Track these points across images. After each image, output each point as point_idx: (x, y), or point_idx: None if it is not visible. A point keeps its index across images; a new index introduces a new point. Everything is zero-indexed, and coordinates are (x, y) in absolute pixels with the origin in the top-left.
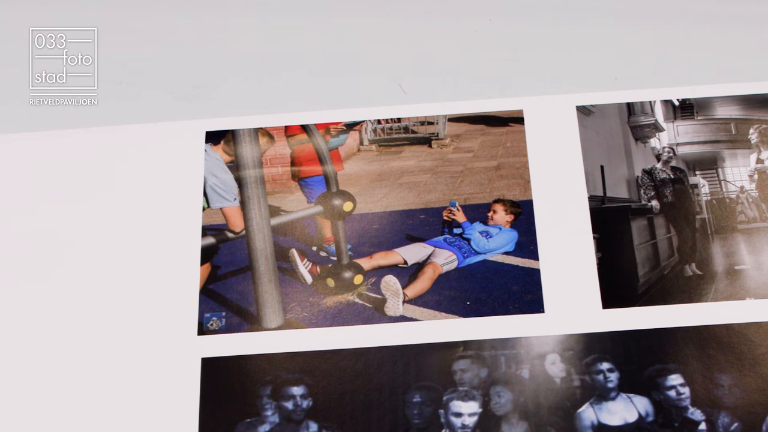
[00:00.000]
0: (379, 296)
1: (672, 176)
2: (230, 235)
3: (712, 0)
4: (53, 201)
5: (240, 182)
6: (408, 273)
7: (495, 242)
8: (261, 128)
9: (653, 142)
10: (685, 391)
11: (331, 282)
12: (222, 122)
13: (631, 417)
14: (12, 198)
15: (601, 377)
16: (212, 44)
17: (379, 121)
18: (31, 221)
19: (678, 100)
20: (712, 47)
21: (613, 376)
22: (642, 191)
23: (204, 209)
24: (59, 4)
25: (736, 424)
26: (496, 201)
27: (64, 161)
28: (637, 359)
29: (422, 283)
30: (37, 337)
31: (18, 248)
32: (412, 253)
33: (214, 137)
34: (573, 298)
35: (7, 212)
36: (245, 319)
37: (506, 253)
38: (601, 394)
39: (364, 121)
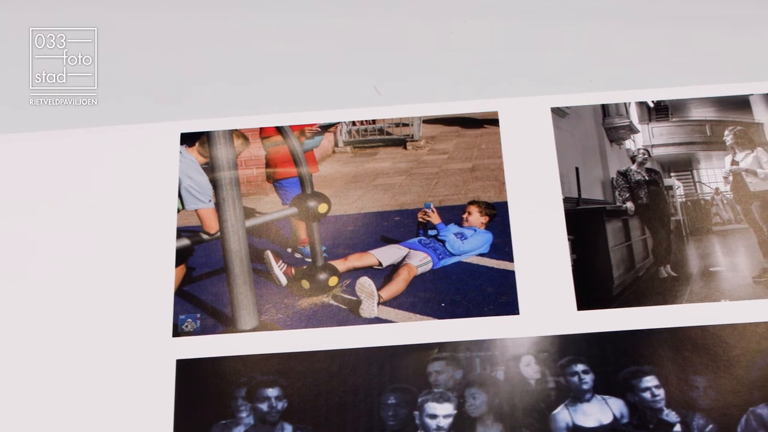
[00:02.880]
0: (353, 298)
1: (647, 178)
2: (205, 236)
3: (687, 2)
4: (28, 202)
5: (215, 184)
6: (383, 275)
7: (470, 244)
8: (236, 130)
9: (628, 143)
10: (660, 392)
11: (305, 284)
12: (197, 124)
13: (606, 419)
14: None
15: (575, 379)
16: (187, 46)
17: (354, 123)
18: (5, 222)
19: (653, 101)
20: (686, 49)
21: (588, 378)
22: (617, 193)
23: (179, 211)
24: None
25: (711, 426)
26: (471, 203)
27: (37, 163)
28: (612, 361)
29: (397, 285)
30: (11, 338)
31: None
32: (387, 254)
33: (189, 139)
34: (548, 299)
35: None
36: (220, 320)
37: (481, 255)
38: (575, 396)
39: (338, 123)
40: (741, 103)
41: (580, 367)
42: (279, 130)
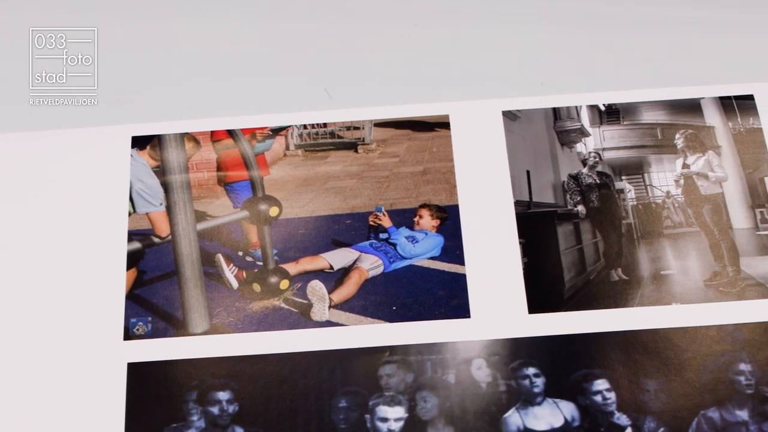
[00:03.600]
0: (305, 301)
1: (598, 181)
2: (156, 240)
3: (638, 5)
4: None
5: (166, 187)
6: (334, 278)
7: (421, 247)
8: (187, 133)
9: (579, 147)
10: (611, 396)
11: (257, 287)
12: (148, 127)
13: (557, 422)
14: None
15: (527, 382)
16: (138, 49)
17: (305, 126)
18: None
19: (604, 105)
20: (638, 52)
21: (539, 381)
22: (568, 196)
23: (130, 214)
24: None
25: (662, 429)
26: (422, 206)
27: None
28: (563, 364)
29: (348, 288)
30: None
31: None
32: (338, 258)
33: (140, 142)
34: (499, 302)
35: None
36: (171, 324)
37: (432, 258)
38: (527, 399)
39: (290, 126)
40: (692, 107)
41: (531, 371)
42: (230, 133)
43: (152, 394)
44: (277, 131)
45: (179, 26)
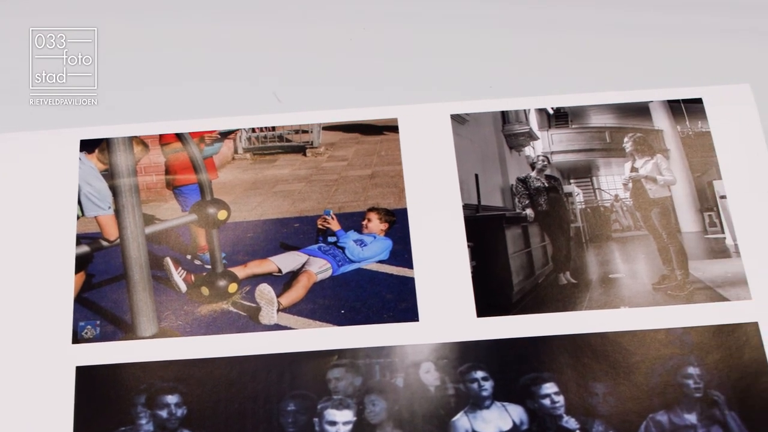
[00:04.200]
0: (253, 305)
1: (546, 185)
2: (105, 243)
3: (586, 8)
4: None
5: (114, 191)
6: (282, 281)
7: (369, 250)
8: (135, 137)
9: (528, 150)
10: (560, 399)
11: (205, 290)
12: (96, 131)
13: (506, 425)
14: None
15: (475, 385)
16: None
17: (253, 130)
18: None
19: (552, 108)
20: (586, 56)
21: (488, 385)
22: (516, 200)
23: (78, 218)
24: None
25: None
26: (371, 209)
27: None
28: (511, 368)
29: (297, 292)
30: None
31: None
32: (287, 261)
33: (88, 146)
34: (447, 306)
35: None
36: (120, 327)
37: (381, 262)
38: (475, 403)
39: (238, 130)
40: (641, 110)
41: (479, 374)
42: (179, 136)
43: (101, 397)
44: (225, 135)
45: (128, 31)
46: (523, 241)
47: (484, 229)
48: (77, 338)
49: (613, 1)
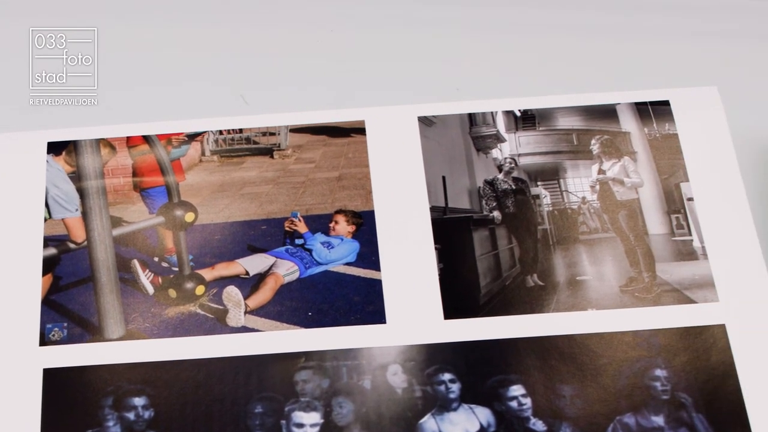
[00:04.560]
0: (220, 307)
1: (514, 187)
2: (72, 245)
3: (553, 11)
4: None
5: (82, 193)
6: (250, 284)
7: (337, 253)
8: (103, 139)
9: (495, 152)
10: (527, 401)
11: (172, 293)
12: (64, 133)
13: (473, 428)
14: None
15: (442, 388)
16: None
17: (221, 132)
18: None
19: (520, 110)
20: (553, 58)
21: (455, 387)
22: (484, 202)
23: (46, 220)
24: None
25: None
26: (338, 212)
27: None
28: (478, 370)
29: (264, 294)
30: None
31: None
32: (254, 263)
33: (56, 148)
34: (415, 308)
35: None
36: (87, 329)
37: (348, 264)
38: (442, 405)
39: (205, 132)
40: (608, 113)
41: (446, 376)
42: (146, 139)
43: (68, 399)
44: (192, 137)
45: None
46: (491, 243)
47: (451, 232)
48: (44, 340)
49: (580, 4)
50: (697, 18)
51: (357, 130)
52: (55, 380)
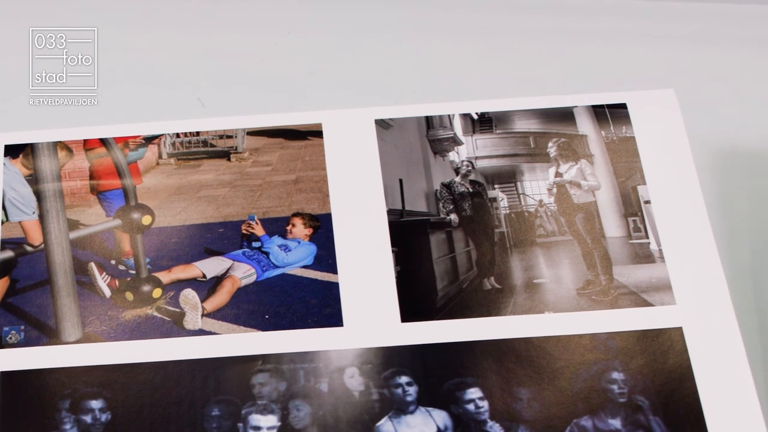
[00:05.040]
0: (177, 310)
1: (471, 190)
2: (29, 248)
3: (510, 14)
4: None
5: (39, 196)
6: (207, 286)
7: (294, 256)
8: (60, 142)
9: (452, 155)
10: (484, 404)
11: (129, 295)
12: (20, 136)
13: (430, 430)
14: None
15: (399, 391)
16: (9, 56)
17: (177, 135)
18: None
19: (477, 113)
20: (510, 61)
21: (412, 390)
22: (441, 205)
23: (2, 222)
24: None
25: None
26: (295, 215)
27: None
28: (435, 373)
29: (221, 297)
30: None
31: None
32: (211, 266)
33: (12, 151)
34: (372, 311)
35: None
36: (44, 332)
37: (305, 267)
38: (399, 408)
39: (162, 135)
40: (565, 115)
41: (403, 379)
42: (103, 142)
43: (25, 402)
44: (149, 140)
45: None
46: (448, 246)
47: (408, 234)
48: (1, 343)
49: (538, 7)
50: (654, 21)
51: (314, 133)
52: (11, 383)
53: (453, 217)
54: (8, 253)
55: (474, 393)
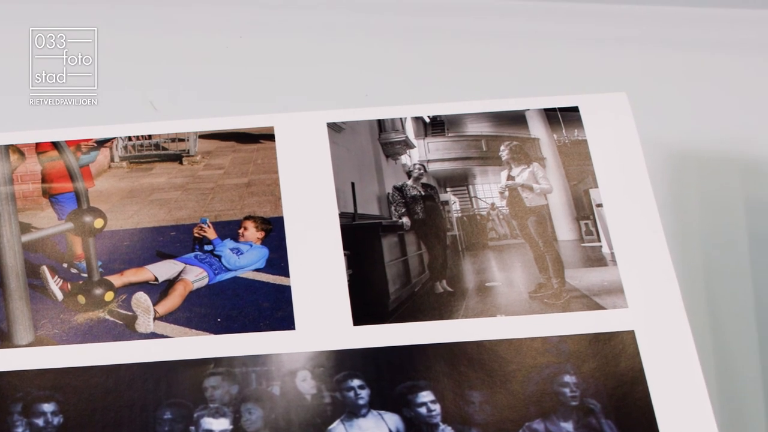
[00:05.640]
0: (129, 313)
1: (423, 193)
2: None
3: (463, 17)
4: None
5: None
6: (159, 290)
7: (246, 259)
8: (11, 145)
9: (404, 158)
10: (436, 408)
11: (81, 299)
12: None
13: None
14: None
15: (351, 394)
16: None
17: (130, 138)
18: None
19: (429, 116)
20: (462, 64)
21: (364, 393)
22: (393, 208)
23: None
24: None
25: None
26: (247, 218)
27: None
28: (387, 376)
29: (173, 300)
30: None
31: None
32: (163, 269)
33: None
34: (324, 314)
35: None
36: None
37: (257, 270)
38: (352, 411)
39: (114, 138)
40: (517, 119)
41: (356, 383)
42: (55, 145)
43: None
44: (101, 143)
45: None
46: (400, 249)
47: (360, 238)
48: None
49: (490, 10)
50: (606, 24)
51: (266, 136)
52: None
53: (405, 220)
54: None
55: (426, 396)
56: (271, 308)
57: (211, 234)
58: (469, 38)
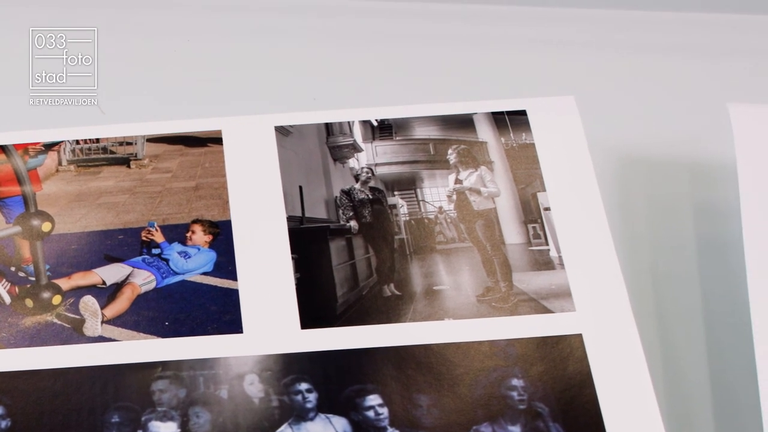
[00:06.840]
0: (77, 316)
1: (370, 196)
2: None
3: (411, 20)
4: None
5: None
6: (107, 293)
7: (193, 262)
8: None
9: (352, 162)
10: (384, 411)
11: (29, 302)
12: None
13: None
14: None
15: (299, 397)
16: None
17: (77, 142)
18: None
19: (376, 120)
20: (410, 67)
21: (312, 397)
22: (341, 211)
23: None
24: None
25: None
26: (195, 221)
27: None
28: (335, 380)
29: (120, 304)
30: None
31: None
32: (111, 273)
33: None
34: (271, 318)
35: None
36: None
37: (205, 274)
38: (299, 415)
39: (62, 142)
40: (465, 122)
41: (303, 386)
42: (2, 148)
43: None
44: (49, 146)
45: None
46: (348, 252)
47: (308, 241)
48: None
49: (438, 13)
50: (555, 27)
51: (214, 139)
52: None
53: (353, 224)
54: None
55: (374, 400)
56: (218, 312)
57: (158, 237)
58: (417, 42)
